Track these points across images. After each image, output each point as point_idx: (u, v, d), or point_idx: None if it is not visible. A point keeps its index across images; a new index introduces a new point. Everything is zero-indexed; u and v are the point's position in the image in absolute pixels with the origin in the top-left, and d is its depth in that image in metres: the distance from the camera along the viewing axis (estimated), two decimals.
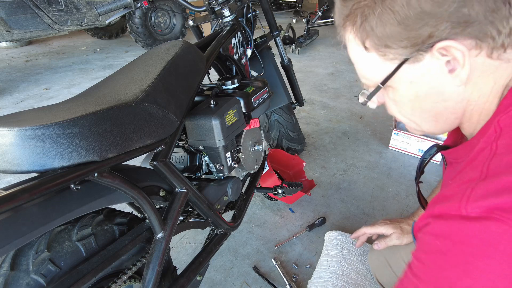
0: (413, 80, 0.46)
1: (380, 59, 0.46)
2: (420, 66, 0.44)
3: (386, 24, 0.42)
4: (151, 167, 0.78)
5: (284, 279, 1.25)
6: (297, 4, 7.09)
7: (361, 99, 0.53)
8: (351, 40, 0.48)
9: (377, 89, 0.49)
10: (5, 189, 0.53)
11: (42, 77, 3.68)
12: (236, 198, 1.08)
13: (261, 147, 1.18)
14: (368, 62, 0.48)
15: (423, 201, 0.70)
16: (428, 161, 0.61)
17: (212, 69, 1.18)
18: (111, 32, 5.34)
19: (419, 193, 0.68)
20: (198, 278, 1.00)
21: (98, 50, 4.81)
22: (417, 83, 0.46)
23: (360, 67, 0.50)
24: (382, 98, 0.53)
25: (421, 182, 0.68)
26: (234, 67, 1.26)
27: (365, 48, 0.46)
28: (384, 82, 0.47)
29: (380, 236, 0.97)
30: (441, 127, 0.51)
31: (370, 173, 1.89)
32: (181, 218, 0.97)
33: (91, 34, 5.30)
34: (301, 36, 4.42)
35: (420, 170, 0.66)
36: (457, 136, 0.59)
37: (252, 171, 1.17)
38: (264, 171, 1.39)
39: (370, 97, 0.51)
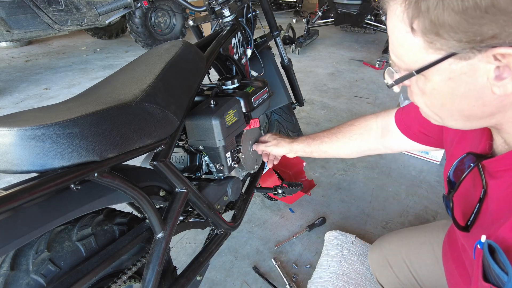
0: (453, 77, 0.40)
1: (423, 45, 0.40)
2: (466, 64, 0.38)
3: (447, 9, 0.35)
4: (151, 167, 0.78)
5: (284, 279, 1.25)
6: (297, 4, 7.09)
7: (388, 80, 0.48)
8: (398, 14, 0.41)
9: (409, 75, 0.43)
10: (5, 189, 0.53)
11: (42, 77, 3.68)
12: (236, 198, 1.08)
13: None
14: (408, 44, 0.41)
15: (460, 220, 0.58)
16: (467, 174, 0.53)
17: (212, 69, 1.18)
18: (111, 32, 5.34)
19: (453, 210, 0.56)
20: (198, 278, 1.00)
21: (98, 50, 4.81)
22: (457, 81, 0.40)
23: (397, 46, 0.43)
24: (408, 82, 0.48)
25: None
26: (234, 67, 1.26)
27: (412, 29, 0.40)
28: (419, 71, 0.42)
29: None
30: (470, 126, 0.46)
31: (370, 173, 1.89)
32: (181, 218, 0.97)
33: (91, 34, 5.29)
34: (301, 36, 4.43)
35: (457, 184, 0.55)
36: (486, 140, 0.53)
37: (252, 171, 1.17)
38: (264, 171, 1.39)
39: (398, 81, 0.46)
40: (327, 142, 0.96)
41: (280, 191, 1.38)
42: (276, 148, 1.05)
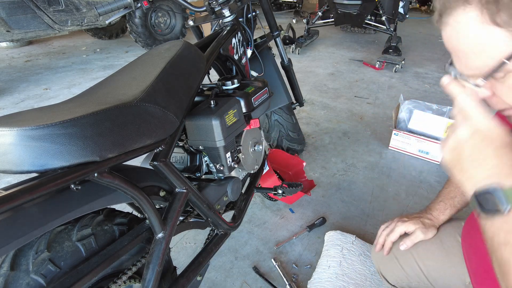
0: None
1: (509, 35, 0.42)
2: None
3: None
4: (151, 167, 0.78)
5: (284, 279, 1.25)
6: (297, 4, 7.09)
7: (472, 84, 0.48)
8: (473, 17, 0.43)
9: (501, 65, 0.44)
10: (5, 189, 0.53)
11: (42, 77, 3.68)
12: (236, 198, 1.08)
13: (261, 147, 1.18)
14: (493, 42, 0.43)
15: None
16: None
17: (212, 69, 1.18)
18: (111, 32, 5.33)
19: None
20: (198, 278, 1.00)
21: (98, 50, 4.81)
22: None
23: (476, 53, 0.45)
24: (489, 91, 0.49)
25: None
26: (234, 67, 1.26)
27: (495, 24, 0.42)
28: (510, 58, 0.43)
29: (401, 237, 0.93)
30: None
31: (370, 174, 1.89)
32: (181, 218, 0.97)
33: (91, 34, 5.29)
34: (301, 36, 4.42)
35: None
36: None
37: (252, 171, 1.17)
38: (264, 171, 1.39)
39: (490, 74, 0.45)
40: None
41: (280, 191, 1.38)
42: (428, 232, 0.89)
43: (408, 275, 0.92)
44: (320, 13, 4.49)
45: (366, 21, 4.11)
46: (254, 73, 1.57)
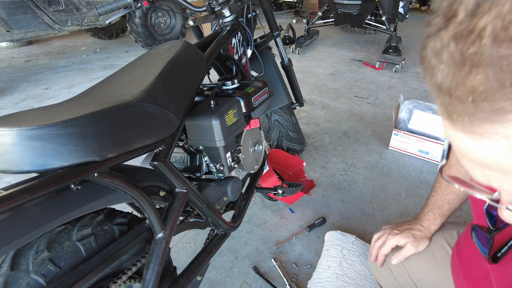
0: None
1: None
2: None
3: None
4: (151, 167, 0.78)
5: (284, 279, 1.25)
6: (297, 4, 7.09)
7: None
8: None
9: None
10: (5, 189, 0.53)
11: (42, 77, 3.68)
12: (236, 198, 1.08)
13: (261, 147, 1.18)
14: None
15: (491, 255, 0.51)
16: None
17: (212, 69, 1.18)
18: (111, 32, 5.34)
19: (491, 247, 0.48)
20: (198, 278, 1.00)
21: (98, 50, 4.81)
22: None
23: None
24: None
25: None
26: (234, 67, 1.26)
27: None
28: None
29: (394, 249, 0.93)
30: None
31: (370, 174, 1.89)
32: (181, 218, 0.97)
33: (91, 34, 5.29)
34: (301, 36, 4.43)
35: (505, 225, 0.47)
36: None
37: (252, 171, 1.17)
38: (264, 171, 1.39)
39: None
40: (453, 199, 0.87)
41: (280, 191, 1.38)
42: (419, 246, 0.88)
43: (401, 286, 0.92)
44: (320, 13, 4.49)
45: (366, 21, 4.11)
46: (254, 73, 1.57)
